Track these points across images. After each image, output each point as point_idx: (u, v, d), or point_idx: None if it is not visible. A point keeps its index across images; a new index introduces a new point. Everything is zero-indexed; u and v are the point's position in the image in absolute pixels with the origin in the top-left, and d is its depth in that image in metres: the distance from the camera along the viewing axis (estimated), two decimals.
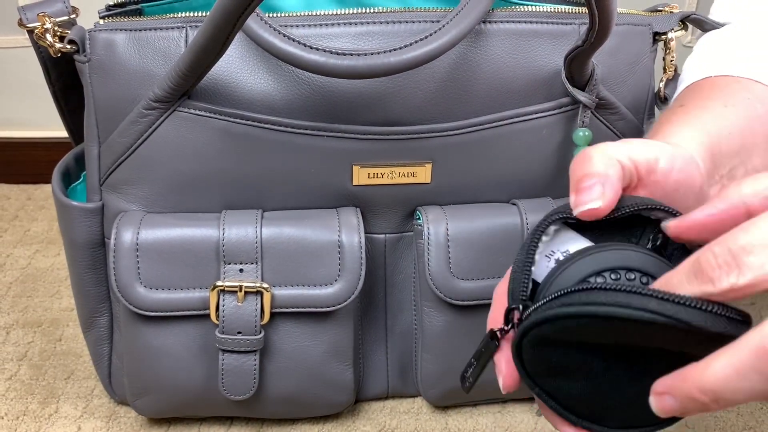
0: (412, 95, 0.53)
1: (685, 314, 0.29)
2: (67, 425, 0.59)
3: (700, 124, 0.42)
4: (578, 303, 0.32)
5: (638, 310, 0.30)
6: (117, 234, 0.53)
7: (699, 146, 0.41)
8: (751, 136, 0.43)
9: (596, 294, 0.31)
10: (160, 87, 0.51)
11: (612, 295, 0.31)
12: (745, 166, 0.43)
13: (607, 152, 0.37)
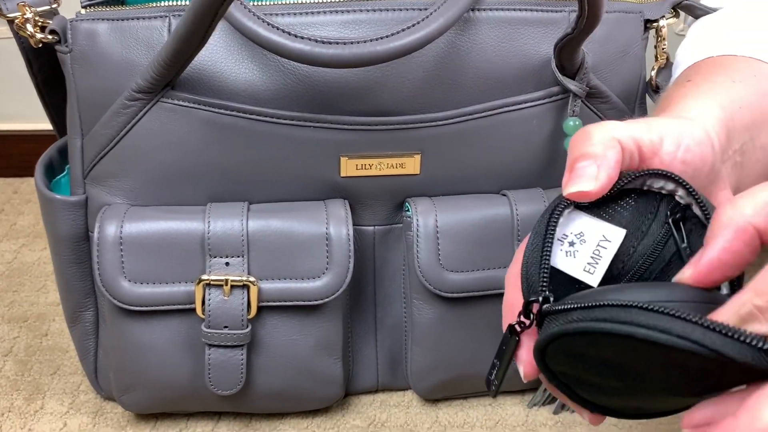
0: (399, 85, 0.52)
1: (731, 348, 0.27)
2: (53, 421, 0.58)
3: (713, 96, 0.41)
4: (615, 320, 0.30)
5: (679, 338, 0.28)
6: (100, 227, 0.52)
7: (715, 119, 0.40)
8: (760, 112, 0.43)
9: (636, 313, 0.29)
10: (143, 77, 0.50)
11: (653, 317, 0.29)
12: (753, 143, 0.42)
13: (609, 131, 0.36)
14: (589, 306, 0.31)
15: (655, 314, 0.29)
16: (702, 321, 0.28)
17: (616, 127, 0.36)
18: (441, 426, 0.58)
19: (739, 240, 0.30)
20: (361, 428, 0.58)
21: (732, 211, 0.30)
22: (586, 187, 0.35)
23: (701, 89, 0.43)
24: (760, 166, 0.44)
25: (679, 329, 0.28)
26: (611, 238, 0.36)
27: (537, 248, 0.36)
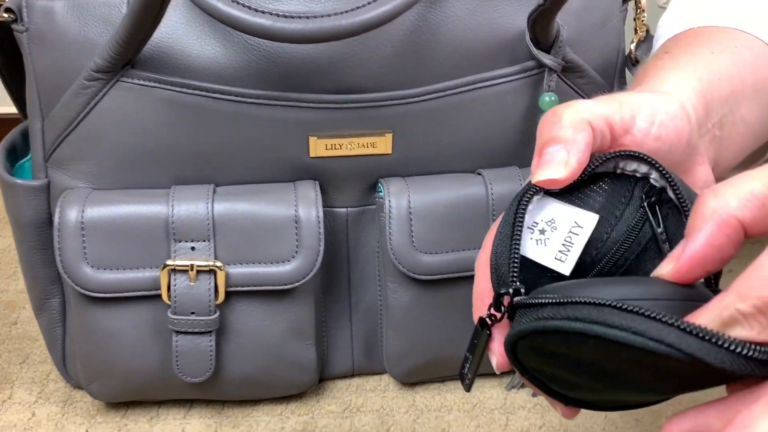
0: (368, 61, 0.50)
1: (708, 353, 0.26)
2: (21, 411, 0.57)
3: (691, 68, 0.40)
4: (587, 320, 0.28)
5: (654, 341, 0.26)
6: (61, 212, 0.50)
7: (692, 92, 0.38)
8: (740, 83, 0.41)
9: (609, 313, 0.28)
10: (101, 56, 0.48)
11: (626, 318, 0.27)
12: (733, 115, 0.41)
13: (579, 112, 0.34)
14: (561, 302, 0.29)
15: (629, 314, 0.27)
16: (679, 323, 0.27)
17: (586, 107, 0.35)
18: (418, 410, 0.57)
19: (722, 234, 0.28)
20: (336, 413, 0.57)
21: (715, 203, 0.28)
22: (556, 174, 0.33)
23: (679, 61, 0.42)
24: (741, 140, 0.42)
25: (653, 332, 0.27)
26: (583, 224, 0.35)
27: (506, 237, 0.34)
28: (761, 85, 0.42)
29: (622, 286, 0.30)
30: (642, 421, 0.56)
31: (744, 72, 0.42)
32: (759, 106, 0.42)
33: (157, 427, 0.55)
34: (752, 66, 0.42)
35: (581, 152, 0.34)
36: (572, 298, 0.29)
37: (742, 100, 0.42)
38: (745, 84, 0.42)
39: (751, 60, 0.43)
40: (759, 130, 0.43)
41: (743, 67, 0.42)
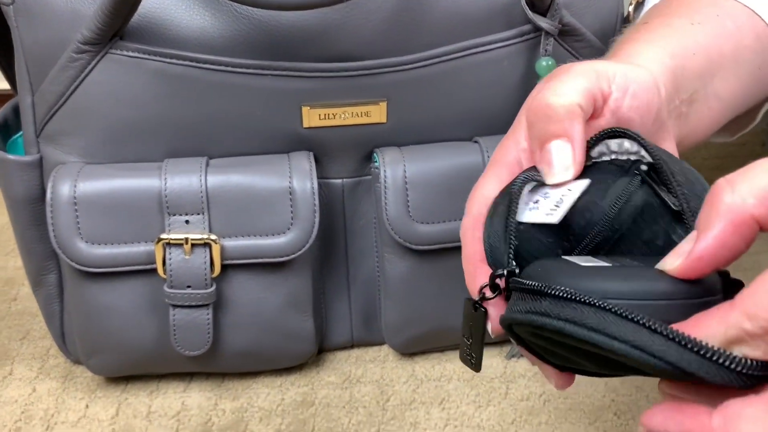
0: (360, 27, 0.49)
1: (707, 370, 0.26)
2: (22, 387, 0.57)
3: (664, 43, 0.39)
4: (587, 326, 0.28)
5: (655, 358, 0.26)
6: (53, 187, 0.50)
7: (661, 67, 0.38)
8: (718, 56, 0.40)
9: (611, 321, 0.27)
10: (88, 28, 0.48)
11: (629, 331, 0.27)
12: (706, 90, 0.40)
13: (568, 98, 0.34)
14: (560, 297, 0.29)
15: (632, 326, 0.27)
16: (681, 339, 0.26)
17: (573, 90, 0.34)
18: (417, 380, 0.57)
19: (737, 233, 0.26)
20: (336, 384, 0.57)
21: (731, 198, 0.26)
22: (568, 175, 0.34)
23: (654, 35, 0.41)
24: (713, 115, 0.42)
25: (655, 348, 0.26)
26: (573, 188, 0.34)
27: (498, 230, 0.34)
28: (741, 55, 0.42)
29: (622, 279, 0.29)
30: (642, 388, 0.56)
31: (723, 43, 0.41)
32: (737, 77, 0.42)
33: (157, 401, 0.56)
34: (733, 36, 0.41)
35: (582, 142, 0.34)
36: (572, 294, 0.28)
37: (717, 73, 0.41)
38: (723, 55, 0.41)
39: (732, 30, 0.42)
40: (733, 103, 0.42)
41: (723, 38, 0.41)
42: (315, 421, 0.54)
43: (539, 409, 0.54)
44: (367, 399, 0.56)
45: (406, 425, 0.54)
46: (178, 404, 0.55)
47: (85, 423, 0.54)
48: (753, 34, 0.42)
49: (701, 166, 0.81)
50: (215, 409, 0.55)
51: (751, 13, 0.43)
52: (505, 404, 0.55)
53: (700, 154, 0.83)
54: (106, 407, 0.55)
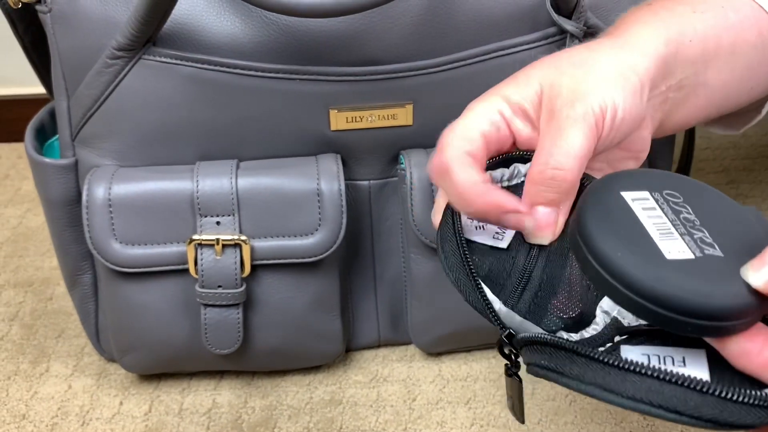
0: (387, 32, 0.50)
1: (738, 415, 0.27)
2: (58, 384, 0.58)
3: (662, 27, 0.39)
4: (604, 388, 0.29)
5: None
6: (89, 190, 0.51)
7: (654, 52, 0.38)
8: (715, 46, 0.41)
9: (624, 380, 0.28)
10: (122, 34, 0.49)
11: (647, 391, 0.28)
12: (697, 77, 0.40)
13: (574, 158, 0.35)
14: (577, 352, 0.30)
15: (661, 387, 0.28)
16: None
17: (578, 147, 0.35)
18: (444, 380, 0.58)
19: None
20: (363, 383, 0.58)
21: None
22: (549, 240, 0.36)
23: (655, 17, 0.41)
24: (699, 103, 0.42)
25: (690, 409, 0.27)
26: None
27: (469, 290, 0.36)
28: (740, 48, 0.41)
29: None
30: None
31: (722, 34, 0.41)
32: (731, 69, 0.41)
33: (188, 398, 0.57)
34: (734, 28, 0.41)
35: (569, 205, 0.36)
36: (591, 353, 0.29)
37: (711, 63, 0.41)
38: (720, 46, 0.41)
39: (734, 22, 0.41)
40: (723, 95, 0.42)
41: (723, 29, 0.41)
42: (342, 419, 0.55)
43: (565, 409, 0.55)
44: (394, 398, 0.56)
45: (432, 424, 0.54)
46: (209, 401, 0.56)
47: (119, 419, 0.55)
48: (756, 29, 0.42)
49: (730, 167, 0.80)
50: (245, 407, 0.56)
51: (757, 8, 0.42)
52: (531, 404, 0.55)
53: (728, 154, 0.82)
54: (140, 404, 0.56)
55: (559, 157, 0.35)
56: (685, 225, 0.32)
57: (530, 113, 0.37)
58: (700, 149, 0.82)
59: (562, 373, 0.30)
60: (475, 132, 0.36)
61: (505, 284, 0.38)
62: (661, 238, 0.31)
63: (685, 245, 0.30)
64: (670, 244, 0.30)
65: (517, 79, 0.38)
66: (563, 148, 0.35)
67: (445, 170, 0.36)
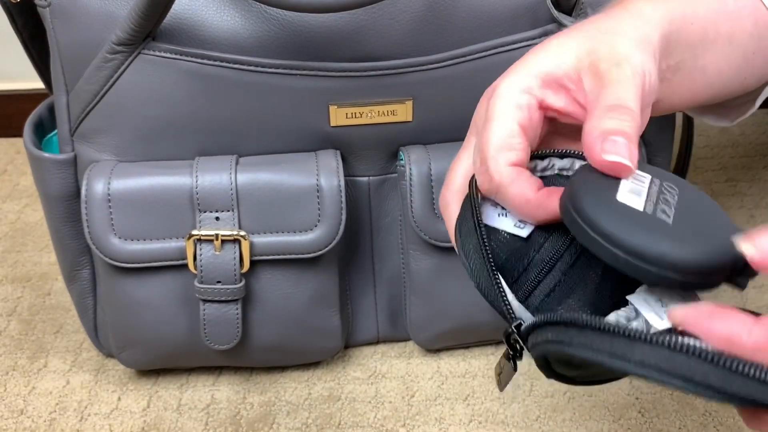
0: (388, 28, 0.50)
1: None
2: (56, 379, 0.58)
3: (666, 6, 0.39)
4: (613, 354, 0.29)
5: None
6: (88, 185, 0.51)
7: (657, 30, 0.38)
8: (714, 32, 0.41)
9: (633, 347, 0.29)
10: (122, 29, 0.49)
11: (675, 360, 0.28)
12: (695, 62, 0.40)
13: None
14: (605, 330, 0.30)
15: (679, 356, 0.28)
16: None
17: (634, 100, 0.34)
18: (442, 376, 0.58)
19: None
20: (361, 380, 0.58)
21: None
22: (625, 172, 0.34)
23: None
24: (693, 87, 0.42)
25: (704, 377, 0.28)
26: None
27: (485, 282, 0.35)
28: (737, 36, 0.41)
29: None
30: None
31: (721, 21, 0.41)
32: (727, 57, 0.42)
33: (187, 394, 0.57)
34: (732, 16, 0.41)
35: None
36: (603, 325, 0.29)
37: (709, 49, 0.41)
38: (719, 33, 0.41)
39: (733, 10, 0.42)
40: (718, 82, 0.42)
41: (723, 16, 0.41)
42: (341, 415, 0.55)
43: (563, 406, 0.55)
44: (393, 394, 0.56)
45: (431, 420, 0.54)
46: (207, 397, 0.56)
47: (117, 415, 0.55)
48: (752, 18, 0.42)
49: (728, 165, 0.80)
50: (244, 403, 0.56)
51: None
52: (530, 401, 0.55)
53: (727, 152, 0.83)
54: (138, 400, 0.56)
55: (624, 100, 0.34)
56: (658, 199, 0.32)
57: (564, 82, 0.36)
58: (699, 147, 0.83)
59: (570, 344, 0.30)
60: (515, 136, 0.36)
61: (520, 278, 0.38)
62: (626, 197, 0.32)
63: (641, 202, 0.32)
64: (629, 197, 0.32)
65: (548, 48, 0.37)
66: (623, 94, 0.34)
67: (495, 189, 0.36)
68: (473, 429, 0.53)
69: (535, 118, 0.37)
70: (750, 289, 0.64)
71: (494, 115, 0.36)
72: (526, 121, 0.36)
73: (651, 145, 0.56)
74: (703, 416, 0.54)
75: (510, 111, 0.36)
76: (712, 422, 0.53)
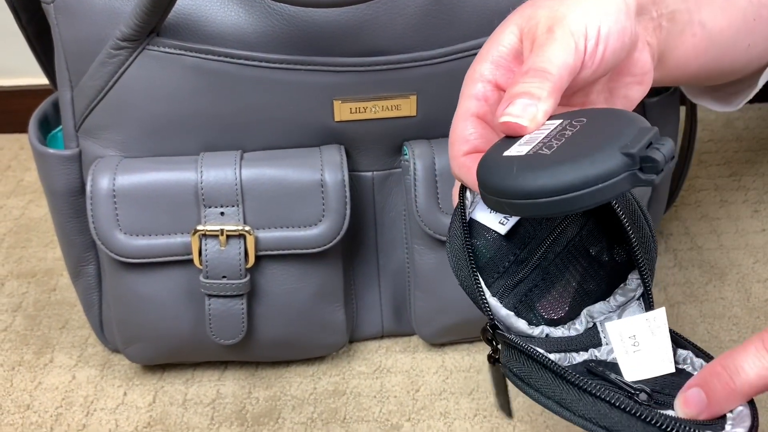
0: (392, 22, 0.50)
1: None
2: (62, 374, 0.59)
3: None
4: (561, 404, 0.32)
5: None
6: (93, 180, 0.51)
7: None
8: None
9: (580, 399, 0.31)
10: (126, 25, 0.49)
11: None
12: (690, 15, 0.40)
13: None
14: (568, 380, 0.32)
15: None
16: None
17: (560, 58, 0.35)
18: (447, 371, 0.58)
19: None
20: (366, 374, 0.58)
21: None
22: (522, 130, 0.35)
23: None
24: (697, 43, 0.42)
25: None
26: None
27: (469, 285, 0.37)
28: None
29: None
30: None
31: None
32: (726, 16, 0.42)
33: (192, 389, 0.57)
34: None
35: None
36: (582, 382, 0.32)
37: (705, 5, 0.41)
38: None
39: None
40: (719, 40, 0.42)
41: None
42: (346, 409, 0.55)
43: None
44: (398, 389, 0.56)
45: (435, 415, 0.54)
46: (213, 392, 0.57)
47: (123, 410, 0.56)
48: None
49: (732, 159, 0.80)
50: (249, 397, 0.56)
51: None
52: None
53: (731, 146, 0.82)
54: (144, 394, 0.57)
55: (541, 62, 0.35)
56: (551, 138, 0.32)
57: (511, 61, 0.37)
58: (703, 141, 0.82)
59: (528, 384, 0.33)
60: (468, 128, 0.37)
61: (501, 276, 0.39)
62: (514, 149, 0.33)
63: (528, 148, 0.32)
64: (517, 149, 0.33)
65: (494, 33, 0.39)
66: (545, 56, 0.35)
67: (462, 180, 0.37)
68: (478, 423, 0.54)
69: (495, 101, 0.37)
70: (755, 284, 0.64)
71: (457, 108, 0.38)
72: (483, 109, 0.37)
73: None
74: None
75: (465, 103, 0.38)
76: None
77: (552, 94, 0.34)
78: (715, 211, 0.72)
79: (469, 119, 0.38)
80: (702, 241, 0.69)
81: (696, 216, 0.72)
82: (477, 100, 0.38)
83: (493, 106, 0.37)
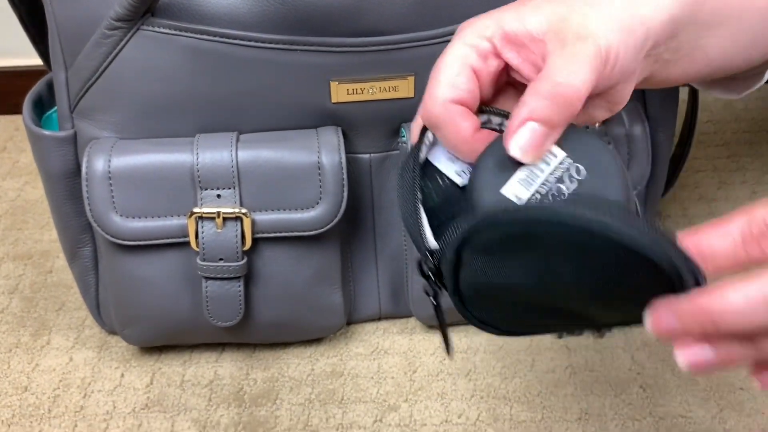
0: (389, 2, 0.49)
1: None
2: (59, 356, 0.59)
3: None
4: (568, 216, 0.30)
5: None
6: (88, 162, 0.51)
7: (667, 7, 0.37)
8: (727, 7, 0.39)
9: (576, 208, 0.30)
10: (121, 5, 0.48)
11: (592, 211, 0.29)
12: (697, 41, 0.39)
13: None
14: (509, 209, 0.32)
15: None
16: None
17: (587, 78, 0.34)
18: (444, 352, 0.58)
19: None
20: (364, 356, 0.58)
21: None
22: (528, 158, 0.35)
23: None
24: (693, 67, 0.41)
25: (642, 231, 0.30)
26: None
27: (409, 210, 0.36)
28: (748, 15, 0.40)
29: None
30: (668, 361, 0.56)
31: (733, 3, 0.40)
32: (733, 36, 0.40)
33: (190, 371, 0.57)
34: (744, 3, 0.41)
35: None
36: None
37: (716, 29, 0.40)
38: (732, 7, 0.40)
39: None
40: (719, 63, 0.41)
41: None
42: (344, 390, 0.55)
43: (565, 381, 0.55)
44: (395, 370, 0.57)
45: (433, 396, 0.55)
46: (210, 374, 0.57)
47: (120, 391, 0.56)
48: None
49: (731, 140, 0.80)
50: (247, 379, 0.56)
51: None
52: (531, 376, 0.56)
53: (729, 127, 0.82)
54: (141, 376, 0.57)
55: (569, 76, 0.34)
56: (550, 187, 0.34)
57: (526, 41, 0.36)
58: (702, 122, 0.82)
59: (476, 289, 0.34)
60: (460, 75, 0.36)
61: (443, 224, 0.38)
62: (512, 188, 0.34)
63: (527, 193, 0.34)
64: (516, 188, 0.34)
65: (523, 8, 0.37)
66: (573, 71, 0.34)
67: (434, 125, 0.36)
68: (475, 404, 0.54)
69: (492, 66, 0.36)
70: None
71: (449, 50, 0.36)
72: (479, 64, 0.36)
73: (654, 120, 0.56)
74: (704, 391, 0.54)
75: (464, 50, 0.36)
76: (713, 397, 0.53)
77: (567, 122, 0.34)
78: (713, 193, 0.72)
79: (465, 67, 0.36)
80: (700, 223, 0.69)
81: (694, 197, 0.72)
82: (478, 55, 0.36)
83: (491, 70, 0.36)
